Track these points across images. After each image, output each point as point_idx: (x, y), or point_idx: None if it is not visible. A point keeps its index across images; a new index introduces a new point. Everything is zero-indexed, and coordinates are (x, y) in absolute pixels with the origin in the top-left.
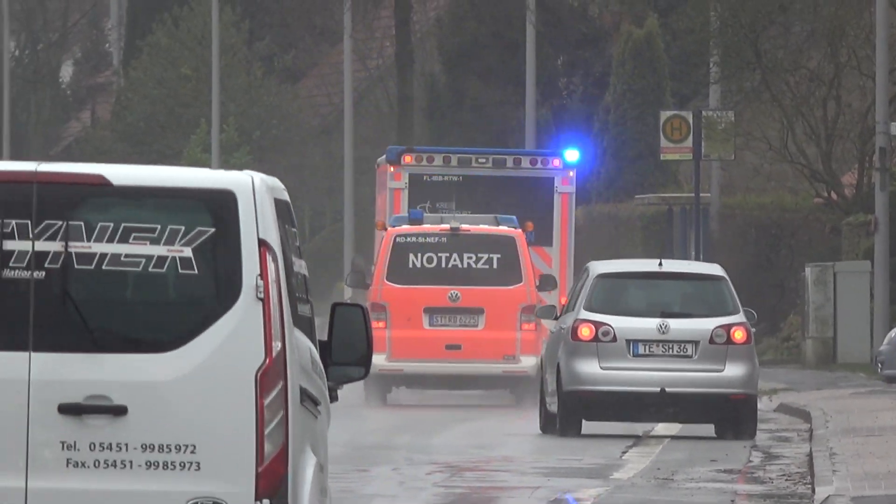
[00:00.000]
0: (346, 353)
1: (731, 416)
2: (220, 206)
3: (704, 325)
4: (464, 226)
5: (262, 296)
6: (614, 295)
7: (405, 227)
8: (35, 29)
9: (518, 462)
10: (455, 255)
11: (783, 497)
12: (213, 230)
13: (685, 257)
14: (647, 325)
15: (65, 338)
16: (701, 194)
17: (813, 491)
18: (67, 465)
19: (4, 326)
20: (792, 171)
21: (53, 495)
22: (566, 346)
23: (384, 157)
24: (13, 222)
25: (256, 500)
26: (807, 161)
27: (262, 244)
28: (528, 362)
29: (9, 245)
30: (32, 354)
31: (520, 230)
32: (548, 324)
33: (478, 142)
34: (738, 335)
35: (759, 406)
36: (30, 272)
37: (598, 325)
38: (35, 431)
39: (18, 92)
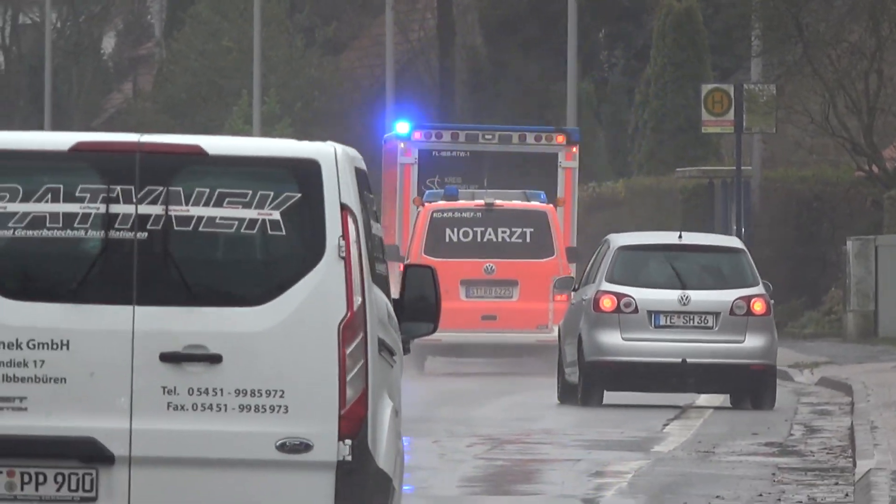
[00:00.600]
0: (417, 309)
1: (751, 386)
2: (306, 173)
3: (725, 296)
4: (498, 201)
5: (343, 255)
6: (635, 267)
7: (442, 203)
8: (77, 0)
9: (559, 435)
10: (490, 230)
11: (824, 470)
12: (299, 195)
13: (726, 231)
14: (668, 297)
15: (165, 293)
16: (742, 168)
17: (854, 464)
18: (168, 408)
19: (111, 282)
20: (833, 144)
21: (155, 435)
22: (588, 317)
23: (393, 133)
24: (118, 188)
25: (339, 440)
26: (848, 134)
27: (344, 208)
28: None
29: (115, 209)
30: (136, 308)
31: (551, 205)
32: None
33: (518, 114)
34: (758, 307)
35: (800, 379)
36: (133, 233)
37: (619, 296)
38: (138, 378)
39: (60, 63)
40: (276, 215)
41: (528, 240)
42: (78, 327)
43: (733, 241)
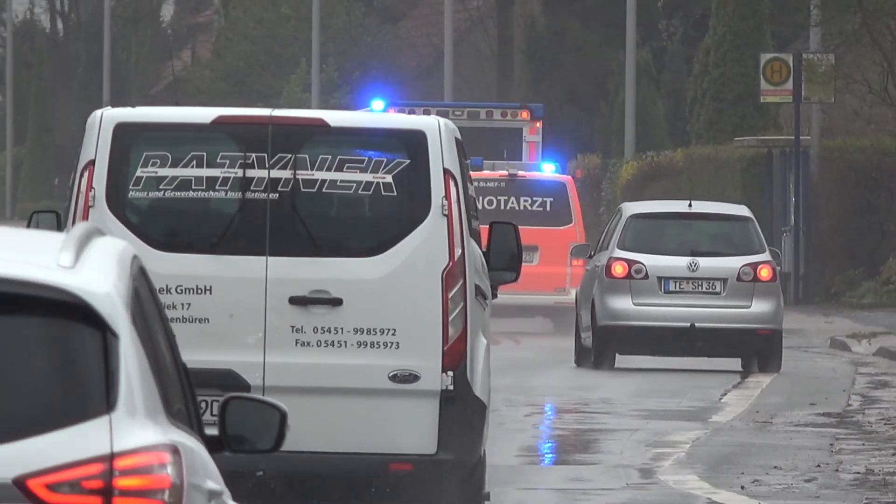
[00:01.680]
0: (502, 260)
1: (757, 350)
2: (414, 142)
3: (732, 263)
4: (520, 172)
5: (446, 213)
6: (646, 234)
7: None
8: None
9: (617, 404)
10: (513, 199)
11: (882, 441)
12: (408, 161)
13: (784, 200)
14: (677, 263)
15: (294, 245)
16: (801, 137)
17: None
18: (296, 345)
19: (247, 236)
20: (892, 114)
21: (285, 368)
22: (600, 282)
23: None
24: (254, 155)
25: (443, 371)
26: None
27: (446, 172)
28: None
29: (250, 173)
30: (269, 258)
31: (569, 177)
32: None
33: (577, 84)
34: (765, 273)
35: (858, 350)
36: (266, 194)
37: (630, 262)
38: (271, 318)
39: (119, 31)
40: (389, 178)
41: (547, 208)
42: (219, 275)
43: (741, 210)
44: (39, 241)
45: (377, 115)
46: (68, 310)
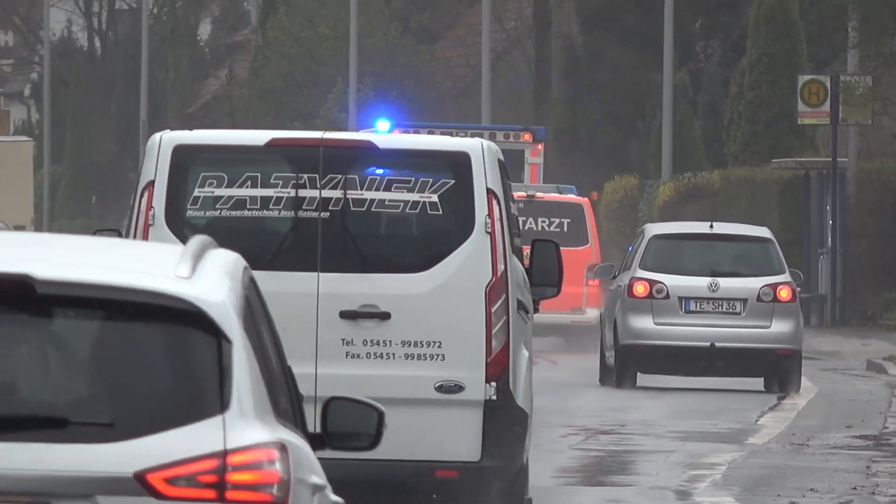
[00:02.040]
0: (543, 276)
1: (777, 370)
2: (458, 163)
3: (752, 283)
4: (538, 193)
5: (489, 230)
6: (668, 255)
7: None
8: None
9: (653, 425)
10: (530, 219)
11: None
12: (453, 181)
13: (821, 222)
14: (698, 284)
15: (344, 261)
16: (838, 159)
17: None
18: (346, 357)
19: (300, 253)
20: None
21: (335, 378)
22: (622, 302)
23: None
24: (305, 176)
25: (486, 382)
26: None
27: (489, 192)
28: (593, 314)
29: (302, 193)
30: (320, 274)
31: (586, 198)
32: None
33: (614, 105)
34: (784, 293)
35: (894, 372)
36: (318, 213)
37: (652, 282)
38: (322, 331)
39: (156, 49)
40: (434, 198)
41: (564, 229)
42: (273, 290)
43: (762, 231)
44: (158, 254)
45: (423, 137)
46: (186, 317)
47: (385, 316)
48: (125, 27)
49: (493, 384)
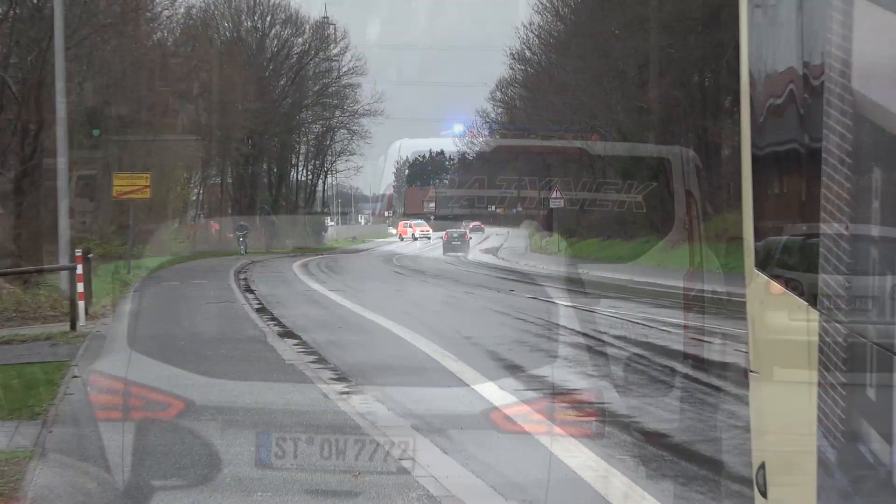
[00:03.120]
0: None
1: None
2: (661, 168)
3: None
4: None
5: (687, 227)
6: None
7: None
8: None
9: None
10: None
11: None
12: (655, 184)
13: None
14: None
15: None
16: None
17: None
18: None
19: None
20: None
21: None
22: None
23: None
24: (526, 179)
25: None
26: None
27: (688, 193)
28: None
29: (524, 193)
30: None
31: None
32: None
33: None
34: None
35: None
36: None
37: None
38: None
39: None
40: (640, 198)
41: None
42: None
43: None
44: None
45: (630, 144)
46: None
47: None
48: None
49: None
